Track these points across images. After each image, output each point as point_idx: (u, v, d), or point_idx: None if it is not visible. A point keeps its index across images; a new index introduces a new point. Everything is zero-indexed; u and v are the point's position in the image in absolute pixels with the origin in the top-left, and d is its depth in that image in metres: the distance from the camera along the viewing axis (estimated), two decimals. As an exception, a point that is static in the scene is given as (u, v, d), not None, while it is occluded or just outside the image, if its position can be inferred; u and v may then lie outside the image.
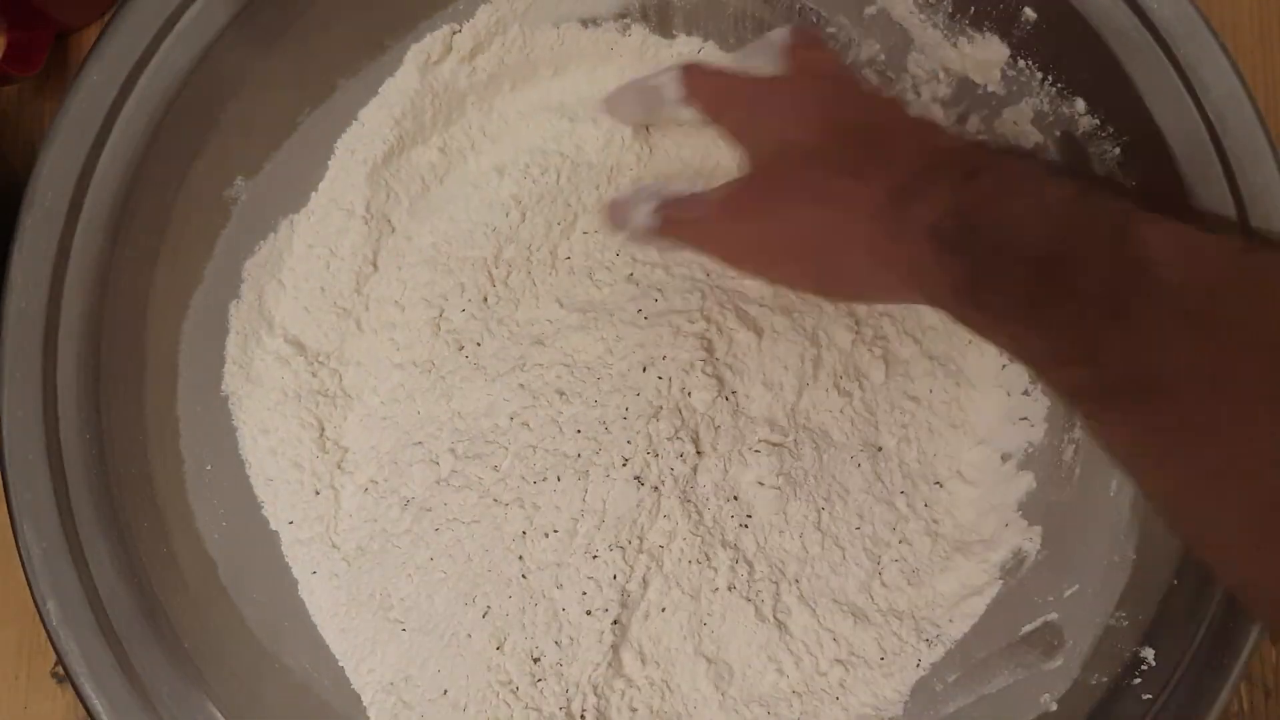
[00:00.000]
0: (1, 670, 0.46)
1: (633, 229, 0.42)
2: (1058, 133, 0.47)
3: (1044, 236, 0.33)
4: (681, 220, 0.41)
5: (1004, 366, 0.48)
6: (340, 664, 0.44)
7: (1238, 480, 0.30)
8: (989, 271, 0.34)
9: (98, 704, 0.39)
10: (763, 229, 0.40)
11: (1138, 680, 0.42)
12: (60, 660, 0.39)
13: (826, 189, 0.38)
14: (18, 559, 0.44)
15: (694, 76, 0.43)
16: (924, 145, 0.38)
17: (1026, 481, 0.47)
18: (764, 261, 0.41)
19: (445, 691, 0.42)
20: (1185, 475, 0.32)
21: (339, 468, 0.45)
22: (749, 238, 0.40)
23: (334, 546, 0.45)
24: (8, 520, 0.39)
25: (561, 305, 0.46)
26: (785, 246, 0.40)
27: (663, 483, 0.43)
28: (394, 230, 0.48)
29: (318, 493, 0.45)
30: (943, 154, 0.37)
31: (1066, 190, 0.34)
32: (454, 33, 0.47)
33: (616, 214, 0.44)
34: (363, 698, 0.43)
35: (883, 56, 0.49)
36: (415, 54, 0.47)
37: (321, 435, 0.45)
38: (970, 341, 0.48)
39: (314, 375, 0.46)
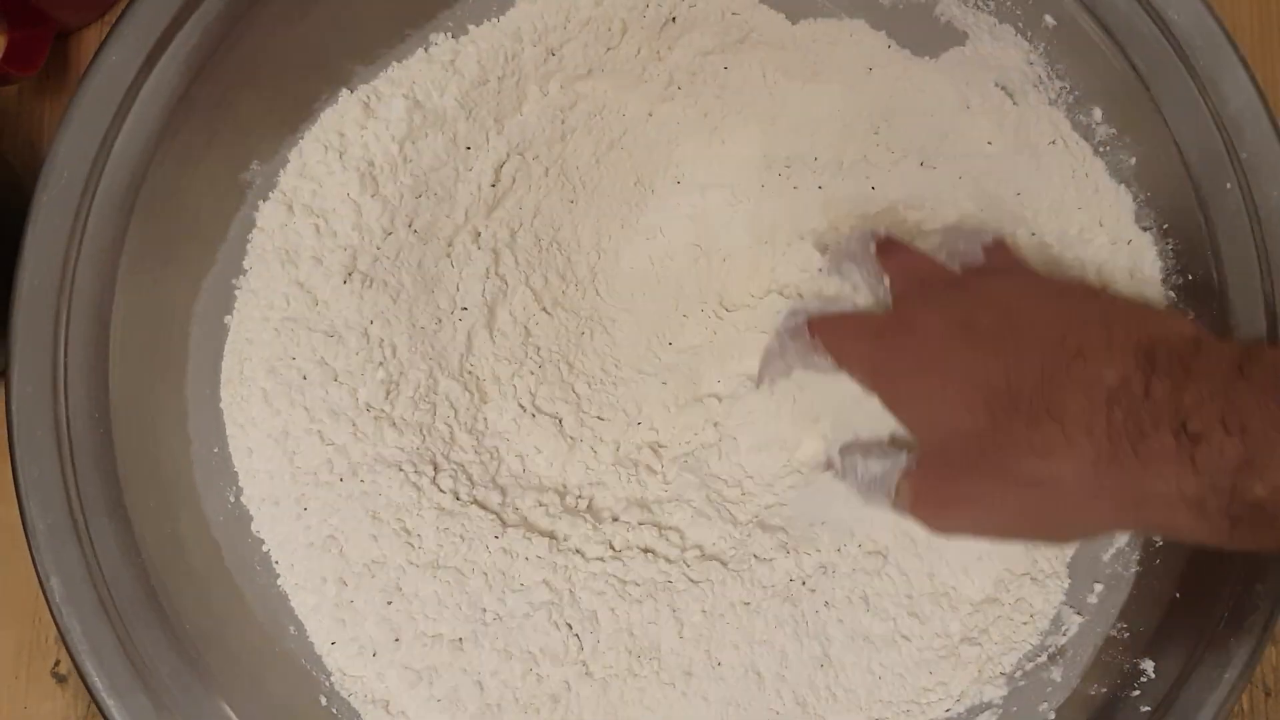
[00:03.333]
0: (1, 670, 0.46)
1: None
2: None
3: None
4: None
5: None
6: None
7: None
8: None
9: (98, 681, 0.39)
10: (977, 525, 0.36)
11: (1136, 692, 0.42)
12: (62, 638, 0.39)
13: (1016, 466, 0.33)
14: (16, 559, 0.44)
15: (818, 328, 0.41)
16: (1116, 341, 0.33)
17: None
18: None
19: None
20: None
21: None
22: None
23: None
24: (8, 520, 0.39)
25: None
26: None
27: None
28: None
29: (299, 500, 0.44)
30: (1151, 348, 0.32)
31: None
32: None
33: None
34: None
35: (901, 60, 0.49)
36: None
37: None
38: None
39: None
